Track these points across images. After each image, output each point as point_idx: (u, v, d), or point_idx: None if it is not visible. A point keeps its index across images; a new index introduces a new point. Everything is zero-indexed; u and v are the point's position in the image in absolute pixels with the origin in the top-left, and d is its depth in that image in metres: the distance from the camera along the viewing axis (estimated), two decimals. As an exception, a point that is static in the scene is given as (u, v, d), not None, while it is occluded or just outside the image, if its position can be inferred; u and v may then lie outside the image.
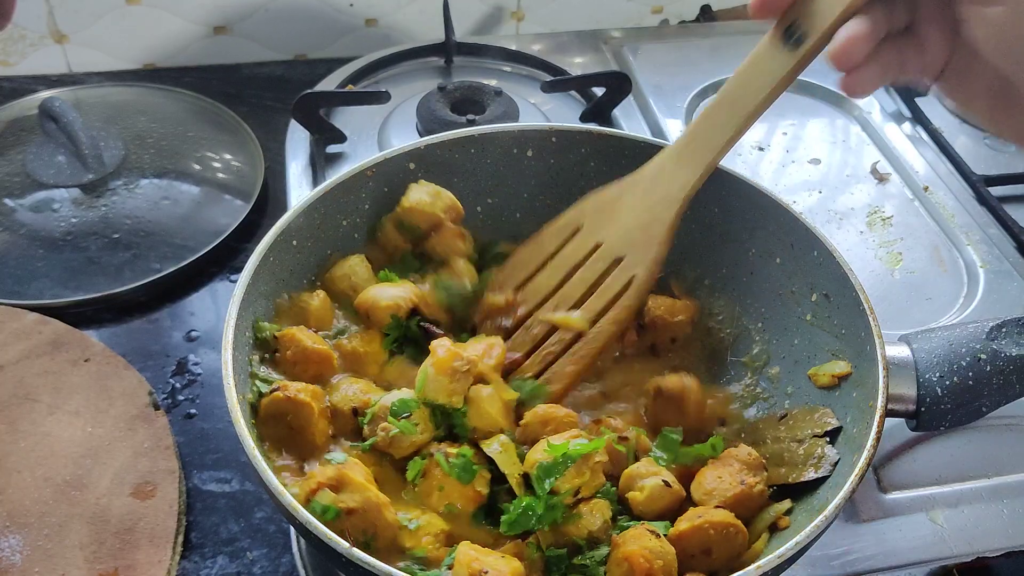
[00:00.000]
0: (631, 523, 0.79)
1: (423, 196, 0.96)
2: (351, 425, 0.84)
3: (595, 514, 0.78)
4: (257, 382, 0.82)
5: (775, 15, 0.78)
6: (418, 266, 0.98)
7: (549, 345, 0.91)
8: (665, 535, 0.76)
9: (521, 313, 0.94)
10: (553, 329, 0.92)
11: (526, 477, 0.80)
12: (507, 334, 0.93)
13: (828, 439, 0.81)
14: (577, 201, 0.95)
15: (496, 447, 0.81)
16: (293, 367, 0.84)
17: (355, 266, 0.94)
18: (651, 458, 0.84)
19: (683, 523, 0.76)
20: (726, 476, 0.80)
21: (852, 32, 0.71)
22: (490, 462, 0.81)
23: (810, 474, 0.80)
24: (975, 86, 0.74)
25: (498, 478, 0.81)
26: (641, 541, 0.73)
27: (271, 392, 0.80)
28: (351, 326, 0.92)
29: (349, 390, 0.85)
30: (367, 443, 0.82)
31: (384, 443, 0.81)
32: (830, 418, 0.83)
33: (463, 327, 0.96)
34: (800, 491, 0.81)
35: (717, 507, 0.78)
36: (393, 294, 0.91)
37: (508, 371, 0.91)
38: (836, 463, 0.79)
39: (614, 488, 0.82)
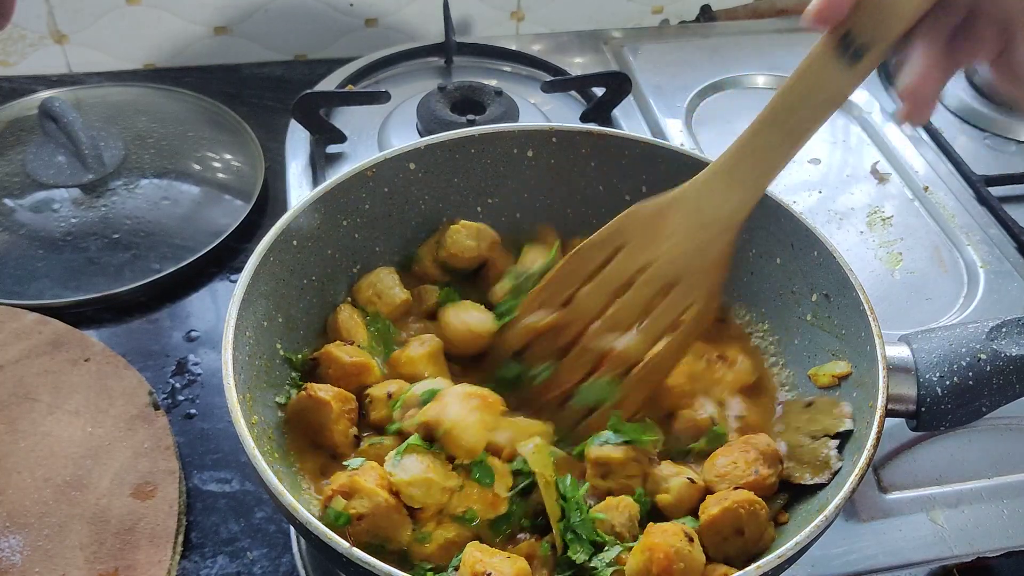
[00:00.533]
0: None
1: (466, 241, 0.96)
2: (385, 416, 0.84)
3: (622, 510, 0.78)
4: (291, 390, 0.86)
5: (833, 24, 0.70)
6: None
7: (603, 373, 0.87)
8: (696, 527, 0.77)
9: (569, 335, 0.88)
10: (606, 354, 0.87)
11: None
12: (557, 356, 0.89)
13: (838, 442, 0.81)
14: (616, 216, 0.89)
15: (530, 446, 0.80)
16: (337, 383, 0.86)
17: (382, 275, 0.96)
18: (669, 461, 0.84)
19: (714, 507, 0.76)
20: (741, 463, 0.80)
21: (925, 66, 0.66)
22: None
23: (807, 478, 0.80)
24: None
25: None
26: (671, 539, 0.72)
27: (298, 393, 0.83)
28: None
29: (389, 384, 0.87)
30: (394, 426, 0.82)
31: (411, 428, 0.81)
32: (847, 418, 0.82)
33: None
34: (800, 489, 0.81)
35: (746, 483, 0.79)
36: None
37: (561, 401, 0.88)
38: (836, 472, 0.79)
39: (647, 497, 0.81)
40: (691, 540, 0.73)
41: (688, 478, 0.80)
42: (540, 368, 0.89)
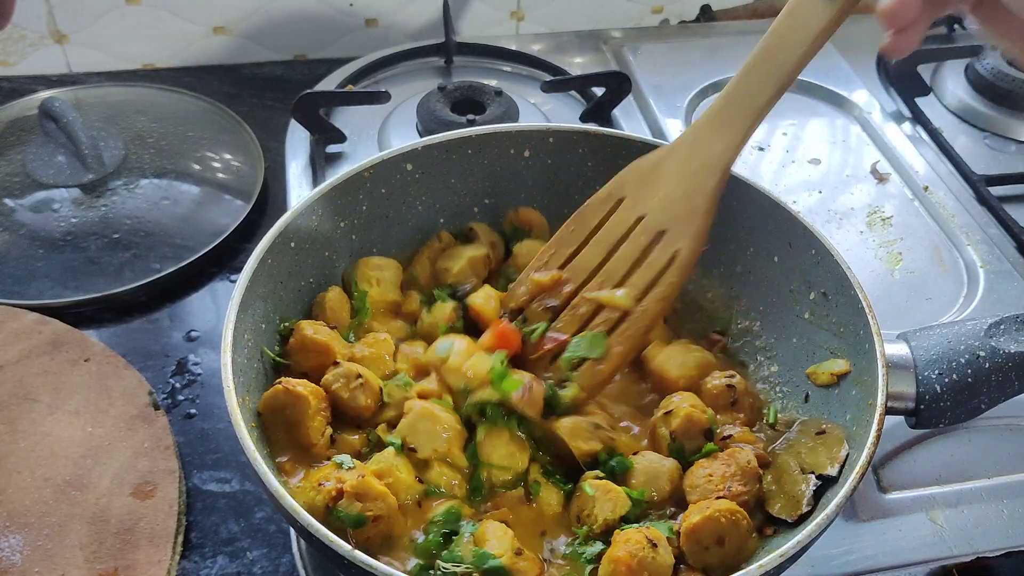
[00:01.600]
0: (635, 526, 0.79)
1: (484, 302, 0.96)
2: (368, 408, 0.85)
3: (612, 501, 0.79)
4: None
5: None
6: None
7: (595, 325, 0.89)
8: (675, 533, 0.77)
9: (568, 291, 0.91)
10: (599, 307, 0.89)
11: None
12: (554, 313, 0.91)
13: (819, 484, 0.79)
14: (614, 177, 0.92)
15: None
16: (298, 357, 0.87)
17: (392, 268, 0.98)
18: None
19: (695, 515, 0.77)
20: (716, 477, 0.80)
21: None
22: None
23: (776, 509, 0.80)
24: (1010, 21, 0.71)
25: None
26: (633, 548, 0.73)
27: (272, 386, 0.82)
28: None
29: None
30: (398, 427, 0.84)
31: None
32: (837, 463, 0.79)
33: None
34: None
35: (719, 497, 0.79)
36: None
37: (556, 354, 0.90)
38: (802, 515, 0.78)
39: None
40: (654, 546, 0.73)
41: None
42: (537, 324, 0.91)
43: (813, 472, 0.80)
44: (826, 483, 0.79)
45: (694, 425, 0.85)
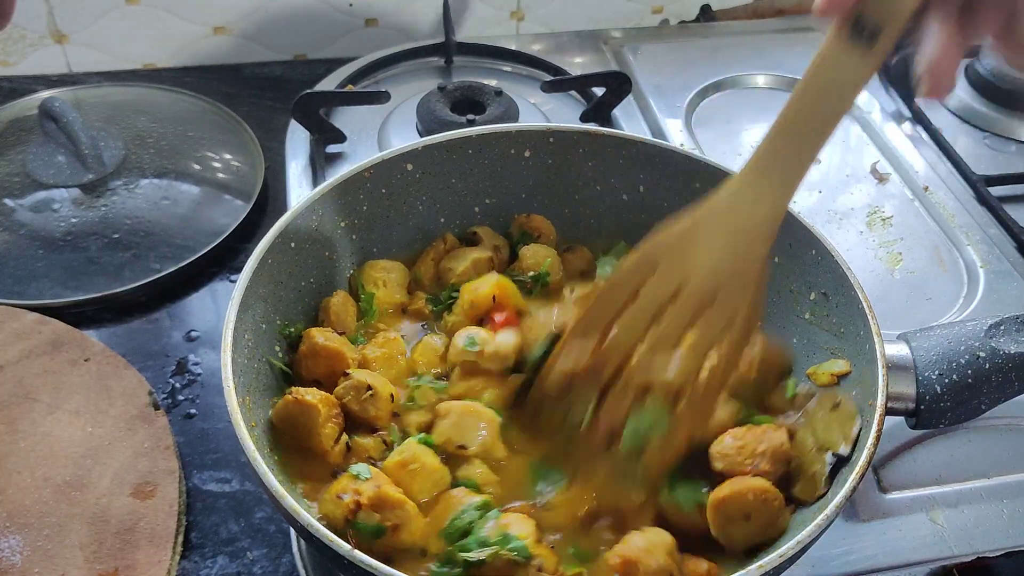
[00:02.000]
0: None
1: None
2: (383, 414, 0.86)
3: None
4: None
5: (843, 11, 0.68)
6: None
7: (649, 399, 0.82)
8: (702, 504, 0.78)
9: (608, 373, 0.83)
10: (646, 388, 0.82)
11: None
12: (601, 393, 0.83)
13: (835, 461, 0.78)
14: (643, 241, 0.84)
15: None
16: (309, 363, 0.87)
17: (398, 270, 0.97)
18: None
19: (724, 488, 0.77)
20: (747, 451, 0.80)
21: (943, 41, 0.65)
22: None
23: (796, 490, 0.80)
24: None
25: None
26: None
27: (283, 396, 0.83)
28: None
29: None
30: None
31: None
32: (852, 434, 0.78)
33: None
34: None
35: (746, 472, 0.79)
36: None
37: (611, 441, 0.82)
38: (819, 496, 0.78)
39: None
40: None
41: None
42: (582, 411, 0.84)
43: (829, 450, 0.79)
44: (840, 462, 0.79)
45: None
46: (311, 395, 0.82)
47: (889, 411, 0.80)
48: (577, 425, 0.84)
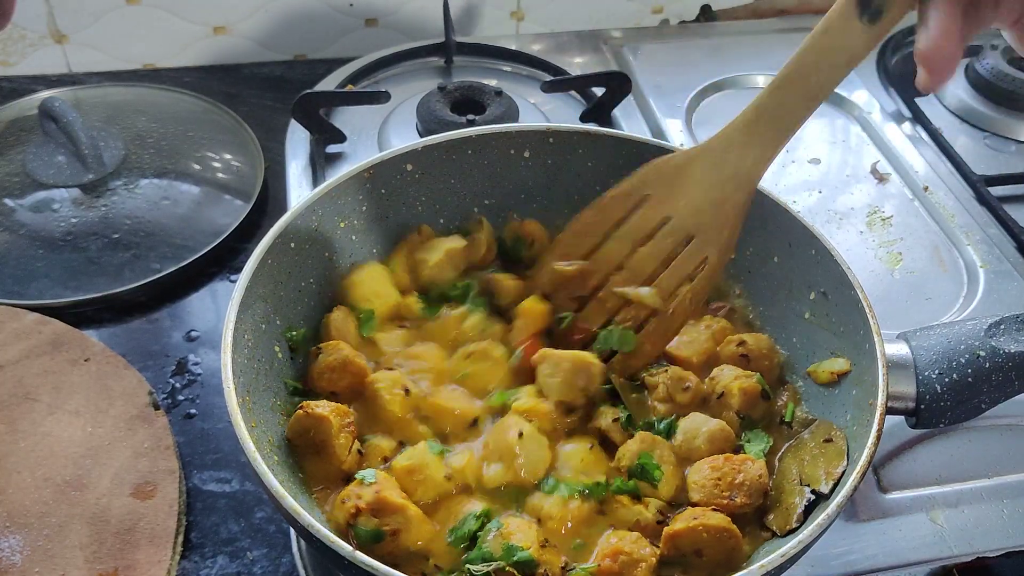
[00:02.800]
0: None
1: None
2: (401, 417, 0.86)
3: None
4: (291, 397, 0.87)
5: None
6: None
7: (624, 320, 0.92)
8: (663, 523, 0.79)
9: (593, 283, 0.94)
10: (626, 303, 0.92)
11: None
12: (579, 303, 0.94)
13: (812, 498, 0.79)
14: (638, 169, 0.93)
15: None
16: (332, 375, 0.87)
17: (375, 274, 0.97)
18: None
19: (679, 523, 0.77)
20: (724, 483, 0.80)
21: (941, 28, 0.66)
22: None
23: (770, 521, 0.80)
24: None
25: None
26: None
27: (294, 411, 0.83)
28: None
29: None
30: None
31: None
32: (832, 480, 0.79)
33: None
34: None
35: (714, 509, 0.78)
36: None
37: (585, 343, 0.93)
38: (791, 530, 0.78)
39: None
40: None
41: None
42: (564, 314, 0.94)
43: (808, 486, 0.79)
44: (819, 498, 0.79)
45: (751, 396, 0.87)
46: (321, 407, 0.82)
47: (889, 410, 0.80)
48: (558, 324, 0.94)
